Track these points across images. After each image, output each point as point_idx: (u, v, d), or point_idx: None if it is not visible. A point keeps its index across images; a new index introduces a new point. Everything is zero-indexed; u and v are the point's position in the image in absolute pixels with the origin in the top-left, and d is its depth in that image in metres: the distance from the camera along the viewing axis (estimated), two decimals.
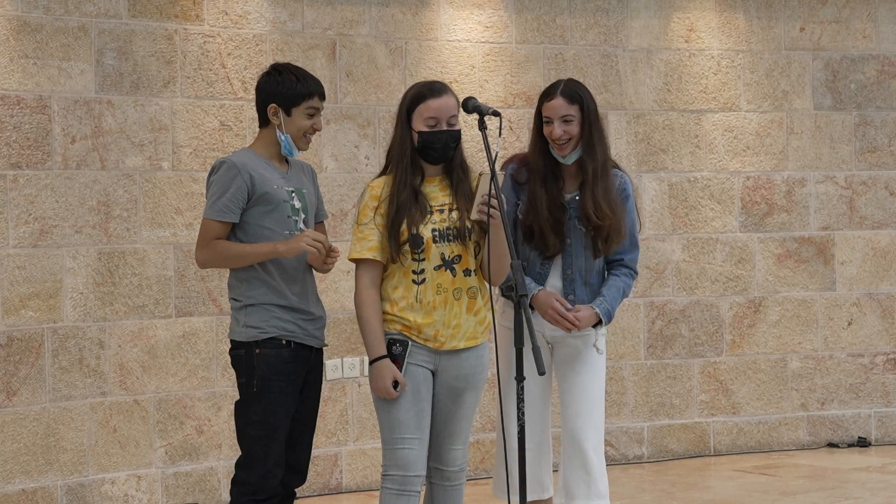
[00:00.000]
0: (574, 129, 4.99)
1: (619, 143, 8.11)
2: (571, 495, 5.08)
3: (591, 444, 5.07)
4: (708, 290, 8.34)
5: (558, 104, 4.99)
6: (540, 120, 5.06)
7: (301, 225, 4.75)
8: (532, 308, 5.00)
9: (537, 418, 5.06)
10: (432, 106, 4.65)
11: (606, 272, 5.17)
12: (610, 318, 5.09)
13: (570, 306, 5.02)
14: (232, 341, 4.77)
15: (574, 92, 5.02)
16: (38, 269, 6.56)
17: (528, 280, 4.99)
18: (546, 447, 5.17)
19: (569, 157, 5.03)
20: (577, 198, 5.04)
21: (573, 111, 4.98)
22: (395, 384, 4.60)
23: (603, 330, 5.13)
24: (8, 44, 6.48)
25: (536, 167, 5.05)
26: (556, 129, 4.98)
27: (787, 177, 8.48)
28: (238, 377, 4.76)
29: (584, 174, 5.03)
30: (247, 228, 4.70)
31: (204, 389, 7.05)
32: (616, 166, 5.17)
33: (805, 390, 8.49)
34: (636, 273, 5.21)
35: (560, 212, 5.02)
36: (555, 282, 5.08)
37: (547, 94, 5.05)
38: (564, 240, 5.03)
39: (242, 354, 4.72)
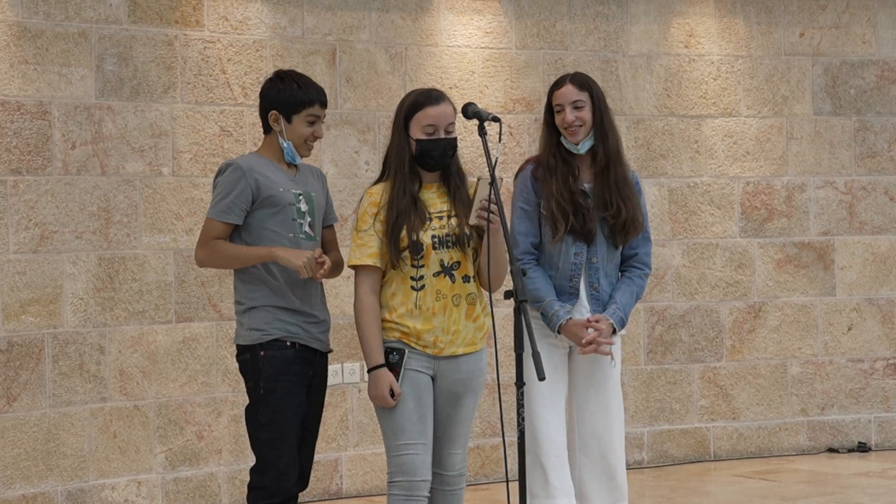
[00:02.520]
0: (585, 115, 5.02)
1: None
2: (591, 500, 5.08)
3: (617, 455, 5.09)
4: (708, 295, 8.35)
5: (569, 90, 5.04)
6: (550, 113, 5.09)
7: (306, 228, 4.76)
8: (559, 332, 5.00)
9: (562, 424, 5.05)
10: (430, 114, 4.66)
11: (620, 270, 5.16)
12: (623, 324, 5.07)
13: (596, 329, 4.98)
14: (237, 346, 4.78)
15: (583, 80, 5.08)
16: (39, 274, 6.57)
17: (558, 305, 4.97)
18: (565, 448, 5.12)
19: (581, 145, 5.03)
20: (591, 188, 5.05)
21: (583, 97, 5.03)
22: (392, 393, 4.61)
23: (617, 337, 5.12)
24: (8, 49, 6.49)
25: (548, 159, 5.05)
26: (568, 115, 5.00)
27: (787, 182, 8.48)
28: (246, 382, 4.76)
29: (597, 163, 5.05)
30: (251, 230, 4.71)
31: (204, 395, 7.05)
32: None
33: (805, 395, 8.49)
34: (650, 269, 5.20)
35: (582, 198, 5.01)
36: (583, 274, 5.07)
37: (557, 84, 5.10)
38: (594, 224, 5.02)
39: (248, 358, 4.72)
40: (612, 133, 5.07)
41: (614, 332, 5.05)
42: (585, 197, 5.02)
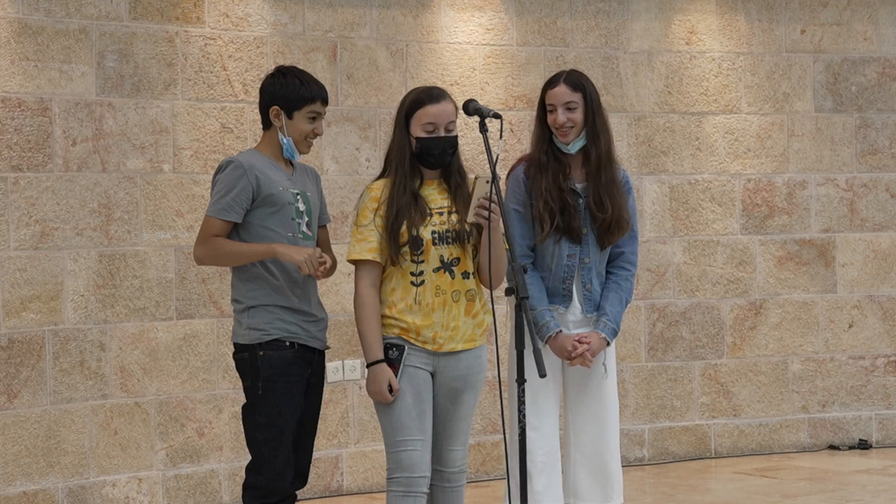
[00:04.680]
0: (577, 116, 5.00)
1: (620, 146, 8.11)
2: (583, 498, 5.06)
3: (612, 452, 5.07)
4: (709, 292, 8.34)
5: (561, 91, 5.00)
6: (543, 110, 5.06)
7: (304, 228, 4.76)
8: (546, 343, 4.97)
9: (550, 424, 5.02)
10: (431, 112, 4.67)
11: (606, 270, 5.13)
12: (615, 334, 5.05)
13: (583, 344, 4.97)
14: (235, 345, 4.77)
15: (577, 80, 5.04)
16: (39, 271, 6.56)
17: (549, 316, 4.96)
18: (557, 453, 5.10)
19: (572, 146, 5.02)
20: (584, 188, 5.04)
21: (576, 98, 5.00)
22: (390, 389, 4.61)
23: (610, 347, 5.10)
24: (9, 46, 6.49)
25: (540, 157, 5.03)
26: (560, 116, 4.98)
27: (788, 179, 8.48)
28: (243, 381, 4.76)
29: (588, 164, 5.03)
30: (250, 229, 4.71)
31: (205, 392, 7.05)
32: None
33: (806, 392, 8.49)
34: (636, 268, 5.16)
35: (571, 197, 5.00)
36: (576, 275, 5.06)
37: (550, 83, 5.06)
38: (580, 224, 5.01)
39: (247, 357, 4.71)
40: (604, 134, 5.03)
41: (608, 343, 5.03)
42: (576, 196, 5.00)
